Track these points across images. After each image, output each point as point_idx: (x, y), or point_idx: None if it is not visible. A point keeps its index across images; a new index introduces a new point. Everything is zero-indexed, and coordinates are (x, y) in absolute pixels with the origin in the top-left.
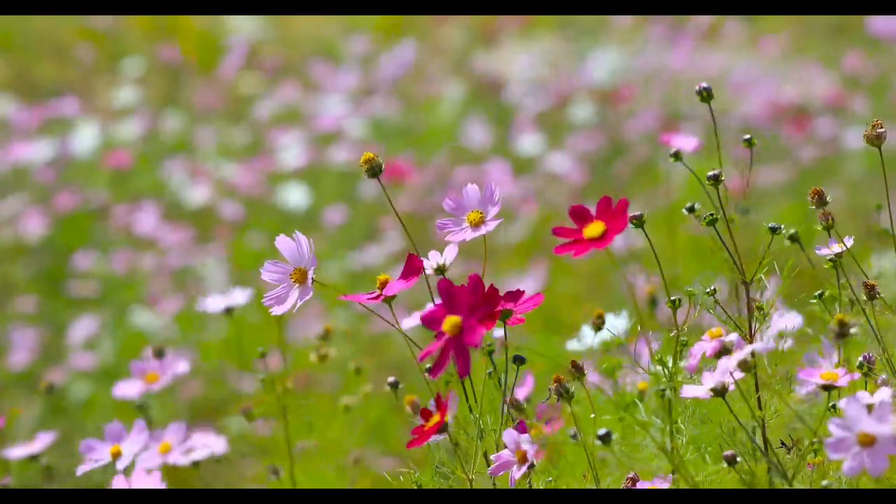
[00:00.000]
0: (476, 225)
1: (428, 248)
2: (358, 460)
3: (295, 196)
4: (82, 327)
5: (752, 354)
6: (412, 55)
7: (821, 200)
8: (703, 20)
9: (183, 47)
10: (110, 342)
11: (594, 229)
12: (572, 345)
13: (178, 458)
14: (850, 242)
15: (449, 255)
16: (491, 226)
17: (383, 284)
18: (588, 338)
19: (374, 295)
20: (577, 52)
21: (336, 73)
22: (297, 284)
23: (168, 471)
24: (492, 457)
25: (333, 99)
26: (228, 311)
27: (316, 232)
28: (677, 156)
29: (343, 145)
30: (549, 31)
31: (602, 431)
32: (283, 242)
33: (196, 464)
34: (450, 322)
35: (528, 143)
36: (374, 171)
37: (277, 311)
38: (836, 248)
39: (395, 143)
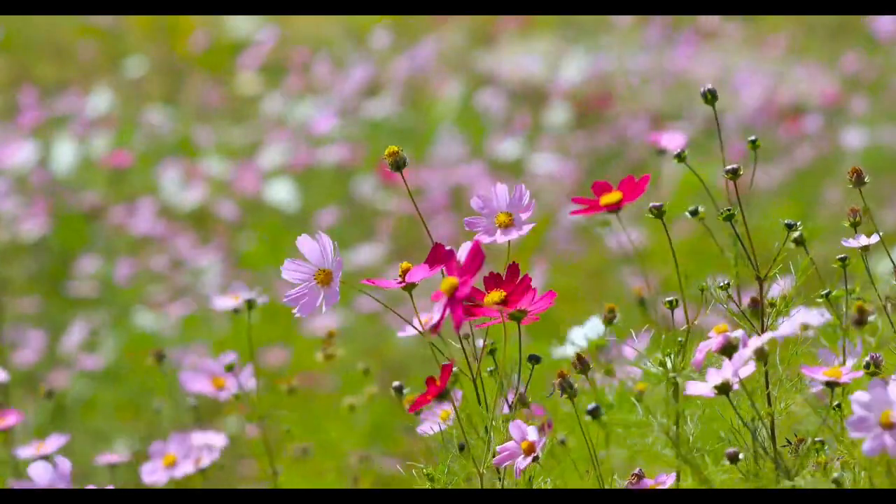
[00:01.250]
0: (505, 227)
1: (424, 249)
2: (361, 460)
3: (282, 194)
4: (81, 328)
5: (765, 345)
6: (430, 53)
7: (859, 179)
8: (704, 20)
9: (182, 47)
10: (112, 343)
11: (611, 197)
12: (560, 351)
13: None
14: (875, 238)
15: (462, 254)
16: (524, 230)
17: (405, 272)
18: (578, 340)
19: (397, 281)
20: (576, 51)
21: (339, 73)
22: (321, 286)
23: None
24: (497, 448)
25: (332, 99)
26: (237, 311)
27: (309, 232)
28: (662, 152)
29: (338, 145)
30: (549, 31)
31: (591, 406)
32: (304, 242)
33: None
34: (447, 283)
35: (508, 147)
36: (397, 164)
37: (302, 312)
38: (864, 240)
39: (394, 142)
